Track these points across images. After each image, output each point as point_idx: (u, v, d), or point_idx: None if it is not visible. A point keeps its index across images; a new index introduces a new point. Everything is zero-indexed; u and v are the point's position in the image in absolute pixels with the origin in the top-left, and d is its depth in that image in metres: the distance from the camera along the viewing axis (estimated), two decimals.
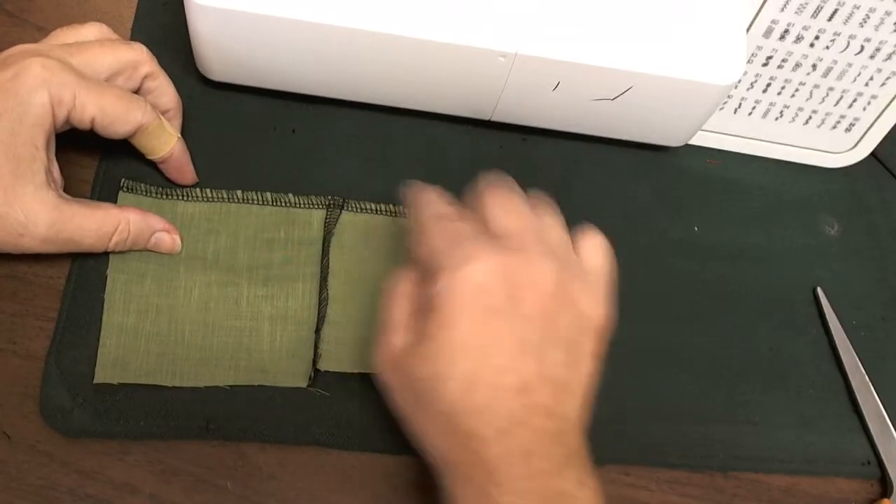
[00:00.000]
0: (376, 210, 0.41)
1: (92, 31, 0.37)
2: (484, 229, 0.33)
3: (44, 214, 0.32)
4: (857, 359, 0.44)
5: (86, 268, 0.37)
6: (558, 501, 0.30)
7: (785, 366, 0.44)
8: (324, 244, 0.39)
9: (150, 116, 0.36)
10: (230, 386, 0.36)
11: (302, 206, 0.40)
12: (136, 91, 0.37)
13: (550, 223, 0.34)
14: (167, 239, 0.37)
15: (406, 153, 0.44)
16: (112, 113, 0.34)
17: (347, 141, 0.43)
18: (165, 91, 0.38)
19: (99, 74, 0.35)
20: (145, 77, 0.37)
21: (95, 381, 0.34)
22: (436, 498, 0.37)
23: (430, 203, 0.35)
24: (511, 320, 0.30)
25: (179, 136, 0.38)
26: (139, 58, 0.36)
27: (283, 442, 0.36)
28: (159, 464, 0.34)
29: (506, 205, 0.34)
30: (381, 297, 0.38)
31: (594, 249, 0.35)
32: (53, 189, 0.33)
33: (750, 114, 0.48)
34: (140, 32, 0.43)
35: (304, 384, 0.36)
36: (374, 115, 0.44)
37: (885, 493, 0.42)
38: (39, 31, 0.42)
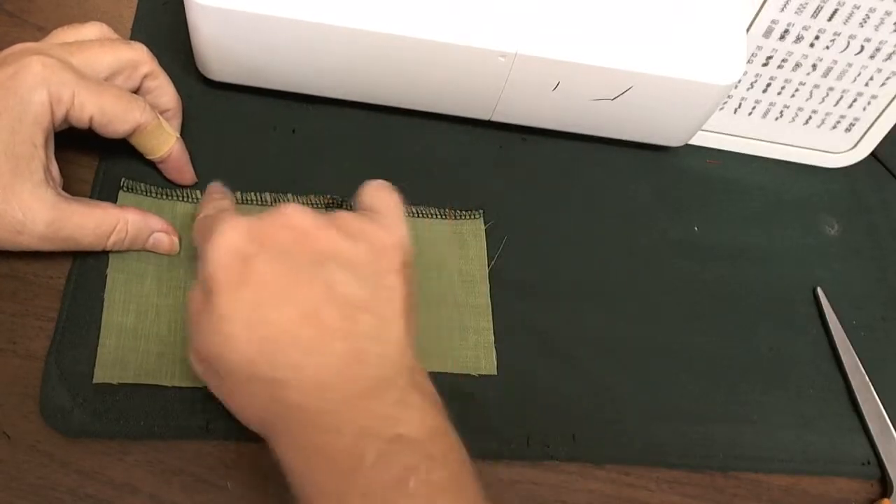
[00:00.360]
0: None
1: (92, 30, 0.37)
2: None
3: (42, 212, 0.33)
4: (857, 359, 0.44)
5: (86, 267, 0.37)
6: (380, 428, 0.28)
7: (785, 366, 0.44)
8: None
9: (149, 116, 0.36)
10: None
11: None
12: (136, 91, 0.37)
13: (339, 214, 0.33)
14: (165, 239, 0.37)
15: (406, 153, 0.44)
16: (111, 112, 0.34)
17: (347, 141, 0.43)
18: (165, 91, 0.38)
19: (98, 74, 0.35)
20: (145, 76, 0.37)
21: (95, 380, 0.34)
22: None
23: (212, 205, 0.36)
24: (269, 260, 0.29)
25: (178, 136, 0.38)
26: (139, 57, 0.36)
27: None
28: (159, 464, 0.34)
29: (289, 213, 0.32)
30: None
31: (376, 193, 0.35)
32: (52, 187, 0.33)
33: (750, 114, 0.48)
34: (140, 32, 0.43)
35: None
36: (374, 115, 0.44)
37: (885, 493, 0.42)
38: (39, 31, 0.42)
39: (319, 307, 0.29)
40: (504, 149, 0.46)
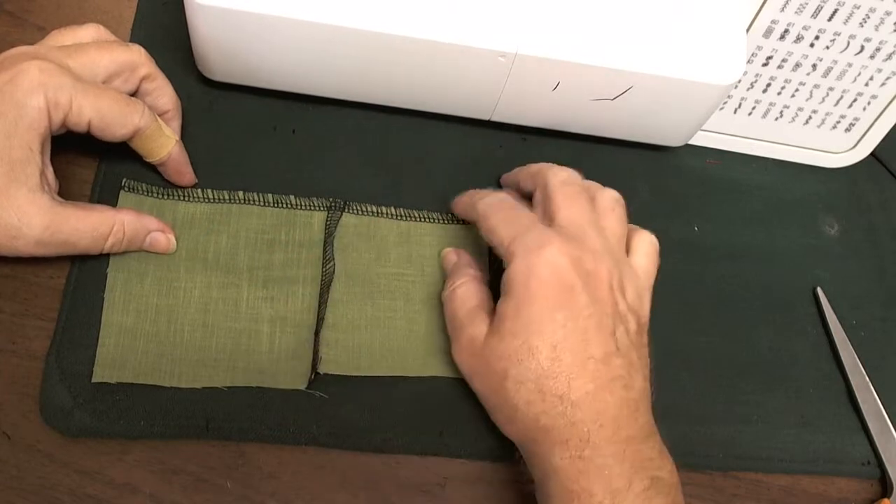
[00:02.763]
0: (377, 212, 0.41)
1: (89, 32, 0.37)
2: (545, 219, 0.36)
3: (38, 217, 0.32)
4: (857, 359, 0.44)
5: (86, 268, 0.37)
6: (646, 467, 0.32)
7: (785, 366, 0.44)
8: (325, 246, 0.39)
9: (148, 120, 0.36)
10: (229, 387, 0.36)
11: (303, 207, 0.40)
12: (134, 93, 0.37)
13: (608, 218, 0.37)
14: (162, 239, 0.37)
15: (406, 153, 0.44)
16: (109, 116, 0.34)
17: (347, 141, 0.43)
18: (164, 92, 0.38)
19: (96, 76, 0.35)
20: (143, 78, 0.37)
21: (94, 379, 0.34)
22: (434, 498, 0.37)
23: (491, 195, 0.38)
24: (587, 299, 0.33)
25: (178, 138, 0.38)
26: (137, 59, 0.36)
27: (283, 442, 0.36)
28: (159, 464, 0.34)
29: (572, 197, 0.36)
30: (389, 299, 0.39)
31: (645, 250, 0.38)
32: (48, 192, 0.33)
33: (750, 114, 0.48)
34: (140, 32, 0.43)
35: (302, 386, 0.36)
36: (374, 115, 0.44)
37: (885, 493, 0.42)
38: (39, 31, 0.42)
39: (612, 356, 0.33)
40: (504, 149, 0.46)
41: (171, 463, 0.35)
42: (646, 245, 0.38)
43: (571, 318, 0.33)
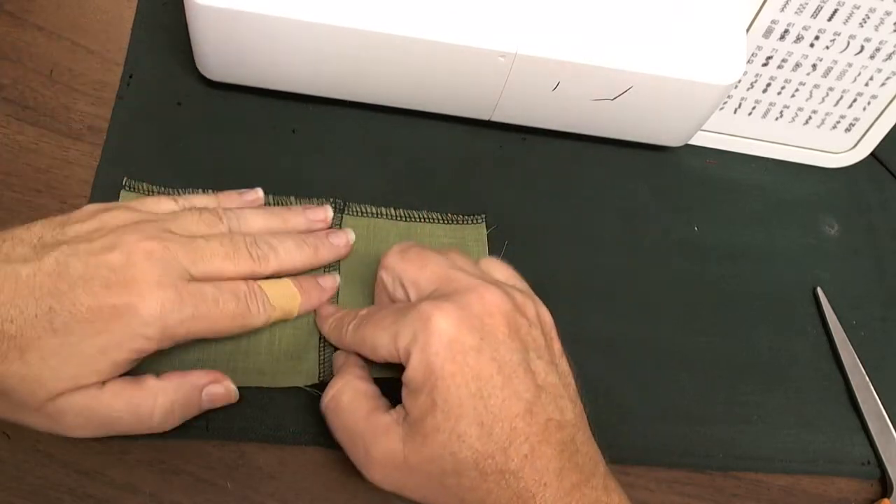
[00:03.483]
0: (377, 213, 0.41)
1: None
2: (406, 298, 0.33)
3: (69, 408, 0.30)
4: (857, 359, 0.44)
5: None
6: None
7: (785, 366, 0.44)
8: None
9: (268, 314, 0.34)
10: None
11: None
12: None
13: (455, 254, 0.35)
14: (220, 390, 0.34)
15: (406, 153, 0.44)
16: (225, 333, 0.33)
17: (347, 141, 0.43)
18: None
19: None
20: None
21: None
22: None
23: (336, 316, 0.36)
24: (490, 352, 0.30)
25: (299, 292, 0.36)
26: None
27: (283, 442, 0.36)
28: (159, 464, 0.34)
29: (418, 258, 0.34)
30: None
31: (496, 264, 0.36)
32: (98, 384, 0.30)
33: (750, 114, 0.48)
34: (140, 32, 0.43)
35: (302, 384, 0.36)
36: (374, 115, 0.44)
37: (885, 493, 0.42)
38: (40, 31, 0.42)
39: (537, 399, 0.30)
40: (504, 149, 0.46)
41: (171, 463, 0.35)
42: (496, 263, 0.36)
43: (486, 383, 0.30)
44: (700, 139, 0.49)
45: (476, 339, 0.30)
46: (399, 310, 0.32)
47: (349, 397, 0.33)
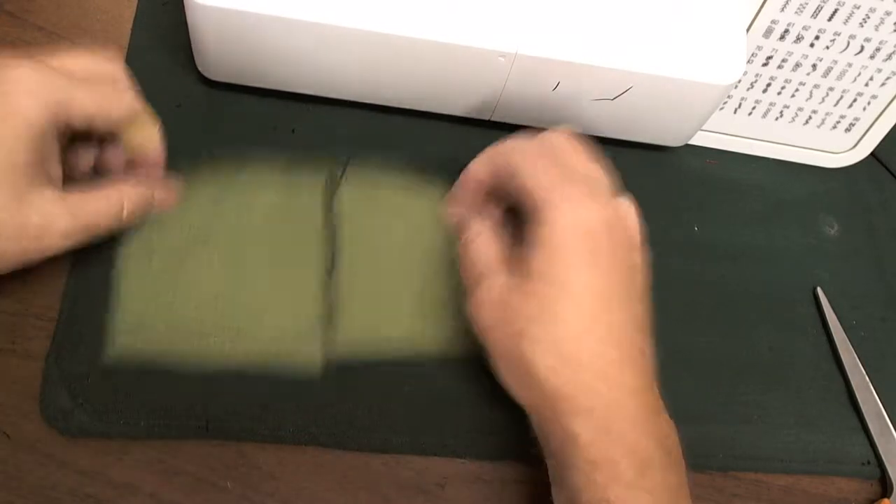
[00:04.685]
0: (377, 184, 0.41)
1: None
2: (570, 172, 0.34)
3: (56, 210, 0.32)
4: (857, 359, 0.44)
5: (86, 268, 0.37)
6: (663, 443, 0.32)
7: (785, 366, 0.44)
8: (326, 211, 0.40)
9: (137, 102, 0.35)
10: (230, 384, 0.36)
11: (306, 175, 0.41)
12: None
13: (584, 160, 0.36)
14: (165, 195, 0.37)
15: (406, 153, 0.44)
16: (105, 103, 0.34)
17: (347, 141, 0.43)
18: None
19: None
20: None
21: (111, 352, 0.35)
22: (434, 498, 0.37)
23: (516, 143, 0.36)
24: (611, 269, 0.33)
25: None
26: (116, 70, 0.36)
27: (283, 442, 0.36)
28: (159, 464, 0.34)
29: (582, 152, 0.36)
30: (396, 272, 0.39)
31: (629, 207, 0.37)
32: (57, 187, 0.33)
33: (750, 114, 0.48)
34: (140, 32, 0.43)
35: (317, 361, 0.37)
36: (374, 115, 0.44)
37: (885, 493, 0.42)
38: (40, 31, 0.42)
39: (636, 322, 0.34)
40: None
41: (171, 463, 0.35)
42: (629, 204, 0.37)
43: (601, 281, 0.32)
44: (700, 139, 0.49)
45: (605, 247, 0.33)
46: (558, 173, 0.34)
47: (481, 241, 0.36)
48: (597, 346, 0.32)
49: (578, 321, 0.32)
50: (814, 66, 0.45)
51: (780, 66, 0.45)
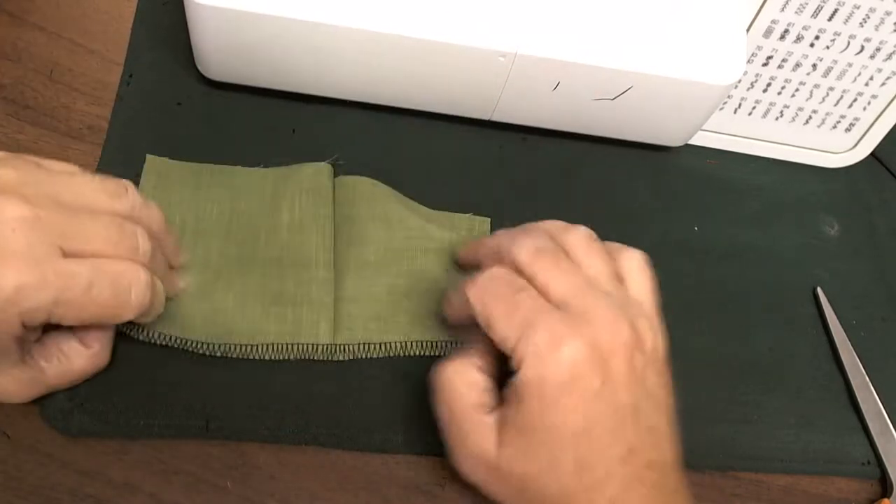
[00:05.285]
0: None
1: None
2: (539, 297, 0.31)
3: (13, 388, 0.31)
4: (857, 359, 0.44)
5: None
6: None
7: (785, 366, 0.44)
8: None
9: (148, 299, 0.31)
10: (229, 383, 0.36)
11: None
12: None
13: (592, 260, 0.33)
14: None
15: (406, 153, 0.44)
16: (102, 319, 0.30)
17: (347, 141, 0.43)
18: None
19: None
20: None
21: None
22: (434, 498, 0.37)
23: (480, 277, 0.33)
24: (607, 395, 0.30)
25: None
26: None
27: (283, 442, 0.36)
28: (159, 464, 0.34)
29: (553, 265, 0.32)
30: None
31: (638, 271, 0.35)
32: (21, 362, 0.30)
33: (750, 114, 0.48)
34: (140, 32, 0.43)
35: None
36: (374, 115, 0.44)
37: (885, 493, 0.42)
38: (40, 31, 0.42)
39: (640, 442, 0.30)
40: (504, 149, 0.46)
41: (171, 463, 0.35)
42: (636, 266, 0.35)
43: (595, 426, 0.30)
44: (700, 139, 0.49)
45: (598, 383, 0.30)
46: (534, 304, 0.31)
47: (464, 383, 0.32)
48: (603, 489, 0.30)
49: (576, 474, 0.30)
50: (814, 66, 0.45)
51: (780, 66, 0.45)
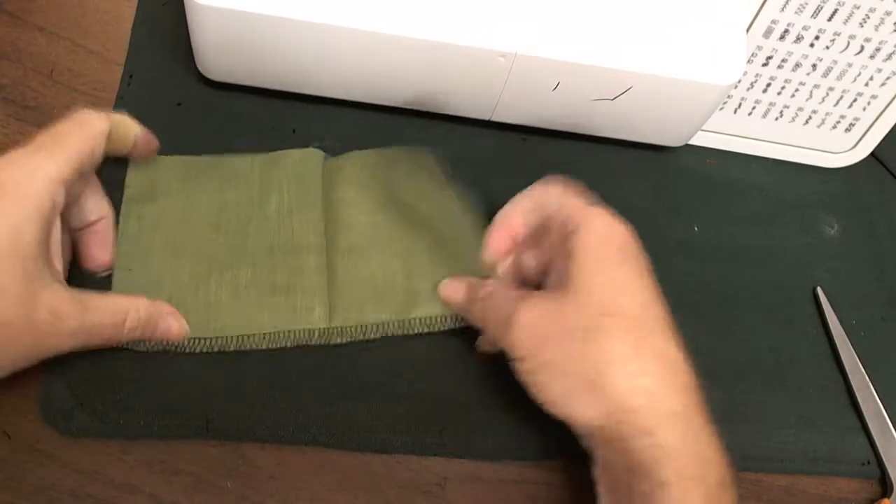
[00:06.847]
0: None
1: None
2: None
3: (67, 309, 0.31)
4: (857, 359, 0.44)
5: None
6: (722, 460, 0.32)
7: (785, 366, 0.44)
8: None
9: (106, 121, 0.34)
10: (230, 382, 0.36)
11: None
12: None
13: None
14: (175, 324, 0.35)
15: None
16: (88, 160, 0.33)
17: (348, 141, 0.43)
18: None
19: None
20: None
21: None
22: (434, 498, 0.37)
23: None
24: (640, 267, 0.34)
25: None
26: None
27: (283, 442, 0.36)
28: (159, 464, 0.34)
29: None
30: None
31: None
32: (63, 283, 0.32)
33: (750, 114, 0.48)
34: (140, 32, 0.44)
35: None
36: (374, 115, 0.44)
37: (885, 493, 0.42)
38: (40, 31, 0.42)
39: (667, 323, 0.34)
40: (504, 149, 0.46)
41: (171, 463, 0.35)
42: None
43: (649, 281, 0.34)
44: (700, 139, 0.49)
45: (635, 250, 0.35)
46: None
47: (502, 284, 0.37)
48: (663, 347, 0.32)
49: (643, 313, 0.32)
50: (814, 66, 0.45)
51: (780, 66, 0.45)
